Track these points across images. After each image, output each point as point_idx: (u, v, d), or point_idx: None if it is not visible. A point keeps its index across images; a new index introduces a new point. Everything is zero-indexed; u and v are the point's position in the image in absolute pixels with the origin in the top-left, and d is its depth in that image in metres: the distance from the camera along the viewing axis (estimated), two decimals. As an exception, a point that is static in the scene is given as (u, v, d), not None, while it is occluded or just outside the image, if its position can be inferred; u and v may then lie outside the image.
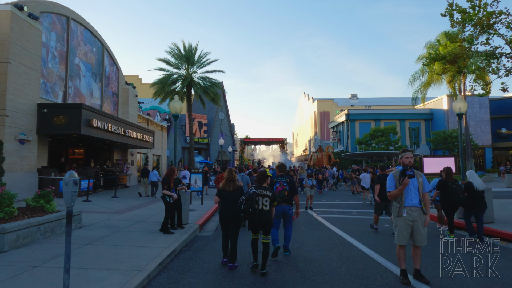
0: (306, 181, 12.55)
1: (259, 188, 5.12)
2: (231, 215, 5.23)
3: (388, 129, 29.90)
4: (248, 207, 4.82)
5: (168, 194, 7.68)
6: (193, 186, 13.82)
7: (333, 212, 11.83)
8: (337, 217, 10.76)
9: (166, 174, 7.91)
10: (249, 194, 4.96)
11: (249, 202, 4.85)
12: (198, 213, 11.35)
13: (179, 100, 9.94)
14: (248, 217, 4.92)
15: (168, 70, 29.72)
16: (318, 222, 9.76)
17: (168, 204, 7.74)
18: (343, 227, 8.86)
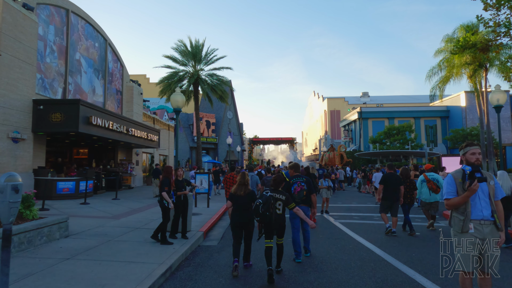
0: (321, 182, 11.43)
1: (274, 192, 5.02)
2: (243, 220, 5.14)
3: (404, 127, 28.50)
4: (266, 211, 4.76)
5: (167, 199, 6.65)
6: (199, 188, 12.80)
7: (352, 217, 10.68)
8: (358, 223, 9.61)
9: (164, 174, 6.90)
10: (265, 197, 4.86)
11: (266, 206, 4.77)
12: (203, 217, 10.32)
13: (181, 93, 8.88)
14: (265, 221, 4.81)
15: (174, 68, 28.89)
16: (338, 229, 8.62)
17: (166, 210, 6.72)
18: (367, 236, 7.72)
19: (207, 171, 13.06)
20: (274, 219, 4.80)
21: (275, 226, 4.89)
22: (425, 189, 8.60)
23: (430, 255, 6.08)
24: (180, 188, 7.22)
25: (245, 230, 5.20)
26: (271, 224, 4.83)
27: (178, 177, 7.34)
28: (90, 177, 14.29)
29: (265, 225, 4.89)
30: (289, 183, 5.90)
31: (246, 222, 5.14)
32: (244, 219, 5.12)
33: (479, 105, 24.82)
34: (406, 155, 24.59)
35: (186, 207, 7.37)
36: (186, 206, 7.37)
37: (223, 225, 9.89)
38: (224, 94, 29.01)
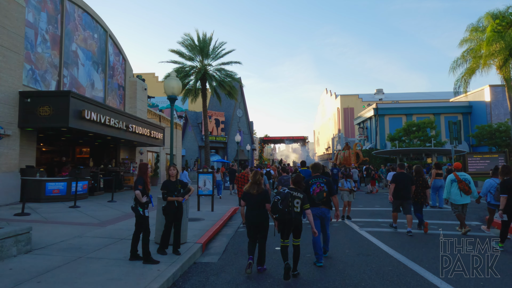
0: (343, 183, 9.86)
1: (292, 190, 4.90)
2: (258, 220, 5.03)
3: (425, 123, 26.57)
4: (285, 207, 4.68)
5: (140, 198, 5.21)
6: (202, 190, 11.38)
7: (379, 224, 9.07)
8: (388, 232, 8.01)
9: (138, 173, 5.50)
10: (284, 194, 4.81)
11: (285, 202, 4.71)
12: (205, 224, 8.88)
13: (177, 78, 7.46)
14: (284, 217, 4.71)
15: (181, 63, 27.61)
16: (367, 241, 7.06)
17: (142, 219, 5.29)
18: (407, 252, 6.15)
19: (210, 170, 11.64)
20: (293, 216, 4.68)
21: (293, 225, 4.77)
22: (455, 190, 7.85)
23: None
24: (173, 191, 5.78)
25: (260, 230, 5.07)
26: (290, 222, 4.72)
27: (171, 178, 5.92)
28: (83, 177, 13.03)
29: (283, 223, 4.77)
30: (308, 183, 5.62)
31: (261, 222, 5.03)
32: (258, 219, 5.02)
33: (510, 98, 22.81)
34: (428, 153, 22.73)
35: (179, 215, 5.91)
36: (179, 214, 5.90)
37: (228, 233, 8.45)
38: (232, 90, 27.60)
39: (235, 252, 6.49)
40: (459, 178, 7.82)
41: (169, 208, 5.72)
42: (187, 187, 6.07)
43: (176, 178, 5.97)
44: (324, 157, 60.81)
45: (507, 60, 22.06)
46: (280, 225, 4.83)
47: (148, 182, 5.40)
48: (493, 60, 22.96)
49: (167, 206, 5.74)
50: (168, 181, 5.86)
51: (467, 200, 7.77)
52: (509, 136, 26.01)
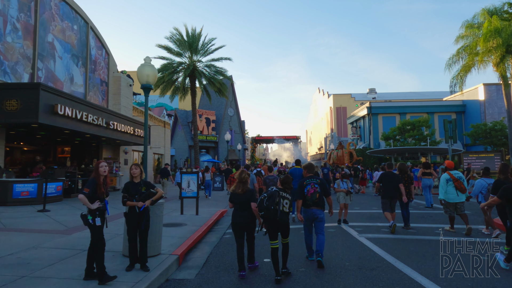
0: (339, 184, 9.00)
1: (281, 190, 4.77)
2: (243, 221, 4.86)
3: (420, 121, 25.96)
4: (271, 204, 4.53)
5: (87, 204, 4.27)
6: (185, 191, 10.43)
7: (379, 229, 8.23)
8: (391, 238, 7.17)
9: (92, 174, 4.57)
10: (270, 192, 4.69)
11: (271, 200, 4.56)
12: (186, 230, 7.95)
13: (152, 65, 6.51)
14: (270, 215, 4.55)
15: (169, 59, 26.53)
16: (368, 251, 6.20)
17: (92, 229, 4.35)
18: (416, 263, 5.30)
19: (195, 170, 10.70)
20: (279, 215, 4.58)
21: (280, 224, 4.68)
22: (451, 189, 7.67)
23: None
24: (134, 194, 4.84)
25: (246, 231, 4.96)
26: (275, 220, 4.59)
27: (134, 179, 4.98)
28: (57, 178, 11.97)
29: (268, 222, 4.67)
30: (303, 184, 5.52)
31: (247, 223, 4.88)
32: (244, 220, 4.87)
33: (506, 96, 22.29)
34: (424, 152, 22.08)
35: (144, 223, 4.91)
36: (143, 222, 4.89)
37: (212, 241, 7.53)
38: (223, 87, 26.64)
39: (217, 265, 5.58)
40: (454, 177, 7.65)
41: (130, 215, 4.78)
42: (151, 190, 4.99)
43: (141, 179, 5.01)
44: (317, 156, 60.21)
45: (504, 57, 21.53)
46: (266, 223, 4.72)
47: (101, 184, 4.44)
48: (489, 57, 22.43)
49: (128, 213, 4.80)
50: (130, 183, 4.93)
51: (462, 198, 7.65)
52: (505, 135, 25.54)
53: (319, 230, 5.43)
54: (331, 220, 9.41)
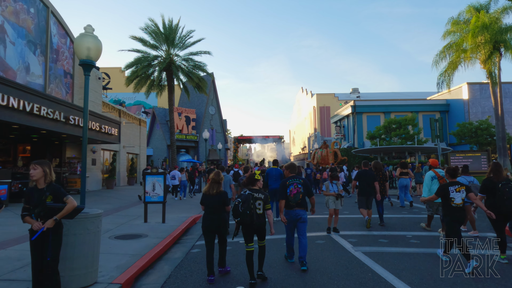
0: (328, 186, 7.72)
1: (252, 191, 4.60)
2: (214, 224, 4.68)
3: (406, 120, 25.19)
4: (246, 209, 4.38)
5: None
6: (149, 195, 8.94)
7: (376, 239, 7.00)
8: (394, 252, 5.93)
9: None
10: (244, 196, 4.49)
11: (246, 204, 4.41)
12: (145, 243, 6.50)
13: (94, 36, 5.03)
14: (245, 221, 4.40)
15: (144, 52, 24.77)
16: (370, 272, 4.91)
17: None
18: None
19: (161, 170, 9.22)
20: (255, 218, 4.42)
21: (257, 227, 4.52)
22: (436, 187, 7.29)
23: None
24: (36, 205, 3.36)
25: (218, 234, 4.81)
26: (252, 225, 4.47)
27: (37, 184, 3.48)
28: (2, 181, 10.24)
29: (244, 226, 4.55)
30: (285, 184, 5.35)
31: (218, 226, 4.71)
32: (215, 223, 4.69)
33: (494, 93, 21.72)
34: (412, 151, 21.25)
35: (50, 252, 3.37)
36: (48, 250, 3.36)
37: (175, 257, 6.12)
38: (201, 83, 25.09)
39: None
40: (439, 175, 7.48)
41: (33, 236, 3.32)
42: (58, 203, 3.42)
43: (47, 184, 3.48)
44: (300, 156, 59.35)
45: (492, 54, 20.96)
46: (242, 228, 4.60)
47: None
48: (477, 54, 21.84)
49: (31, 230, 3.34)
50: (32, 189, 3.44)
51: None
52: (490, 134, 25.10)
53: (302, 232, 5.29)
54: (319, 229, 8.12)
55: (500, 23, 21.75)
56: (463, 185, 5.26)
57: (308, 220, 9.67)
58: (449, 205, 5.19)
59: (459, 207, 5.16)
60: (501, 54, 21.69)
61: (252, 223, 4.41)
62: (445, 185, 5.33)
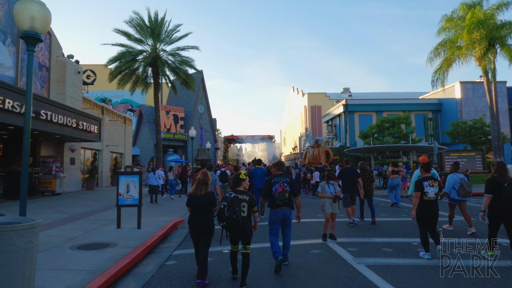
0: (324, 188, 6.84)
1: (237, 192, 4.44)
2: (201, 224, 4.55)
3: (400, 118, 24.58)
4: (232, 213, 4.19)
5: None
6: (123, 198, 7.94)
7: (379, 248, 6.14)
8: (401, 265, 5.07)
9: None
10: (230, 199, 4.28)
11: (232, 208, 4.21)
12: (111, 255, 5.52)
13: (39, 1, 4.01)
14: (231, 226, 4.22)
15: (129, 46, 23.58)
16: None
17: None
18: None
19: (136, 170, 8.24)
20: (241, 222, 4.25)
21: (243, 230, 4.33)
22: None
23: None
24: None
25: (202, 236, 4.56)
26: (238, 230, 4.30)
27: None
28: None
29: (230, 231, 4.36)
30: (270, 182, 5.15)
31: (204, 227, 4.55)
32: (202, 223, 4.55)
33: (489, 91, 21.22)
34: (407, 150, 20.59)
35: None
36: None
37: (145, 272, 5.18)
38: (189, 79, 24.04)
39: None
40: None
41: None
42: None
43: None
44: (291, 156, 58.63)
45: (488, 50, 20.44)
46: (229, 232, 4.41)
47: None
48: (471, 51, 21.32)
49: None
50: None
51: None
52: (484, 133, 24.66)
53: (286, 231, 5.22)
54: (313, 235, 7.24)
55: (495, 20, 21.32)
56: (436, 180, 5.53)
57: (300, 224, 8.86)
58: (422, 199, 5.42)
59: (431, 201, 5.41)
60: (496, 51, 21.23)
61: (238, 227, 4.26)
62: (420, 180, 5.55)
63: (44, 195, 14.93)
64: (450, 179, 7.57)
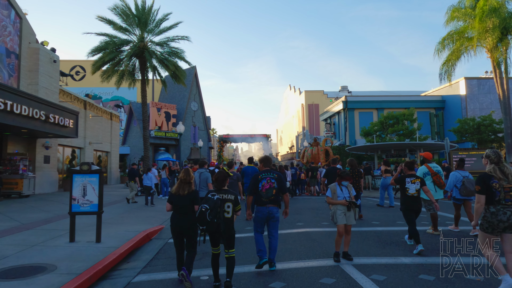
0: (334, 191, 5.18)
1: (220, 192, 4.20)
2: (183, 224, 4.33)
3: (405, 115, 23.02)
4: (214, 217, 3.90)
5: None
6: (77, 203, 6.25)
7: (412, 272, 4.52)
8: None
9: None
10: (213, 201, 3.96)
11: (214, 212, 3.90)
12: (42, 285, 3.83)
13: None
14: (211, 229, 3.95)
15: (114, 36, 21.82)
16: None
17: None
18: None
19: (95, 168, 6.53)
20: (223, 227, 4.02)
21: (224, 235, 4.10)
22: (429, 184, 6.97)
23: None
24: None
25: (187, 237, 4.39)
26: (219, 233, 4.07)
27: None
28: None
29: (210, 234, 4.11)
30: (258, 178, 4.91)
31: (187, 227, 4.33)
32: (184, 223, 4.33)
33: (501, 85, 19.76)
34: (413, 148, 19.03)
35: None
36: None
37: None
38: (178, 71, 22.29)
39: None
40: (433, 170, 7.11)
41: None
42: None
43: None
44: (288, 156, 57.06)
45: (502, 40, 18.95)
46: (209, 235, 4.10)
47: None
48: (482, 42, 19.82)
49: None
50: None
51: (440, 195, 7.27)
52: (493, 131, 23.19)
53: (273, 232, 4.85)
54: (321, 253, 5.59)
55: (506, 9, 19.89)
56: (418, 178, 5.73)
57: (302, 235, 7.25)
58: (405, 195, 5.67)
59: (414, 197, 5.64)
60: (509, 42, 19.77)
61: (219, 231, 4.03)
62: (403, 176, 5.79)
63: (11, 198, 13.19)
64: (452, 177, 7.17)
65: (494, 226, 3.72)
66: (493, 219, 3.71)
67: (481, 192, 3.81)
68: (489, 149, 4.10)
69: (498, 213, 3.69)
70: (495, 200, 3.72)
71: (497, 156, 3.94)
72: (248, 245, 6.23)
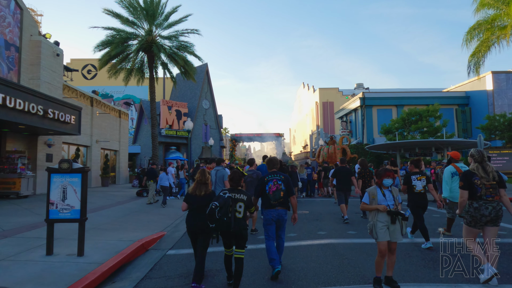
0: (374, 195, 4.00)
1: (233, 191, 4.16)
2: (200, 225, 4.25)
3: (429, 111, 21.42)
4: (224, 215, 3.87)
5: None
6: (56, 208, 5.21)
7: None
8: None
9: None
10: (223, 199, 3.94)
11: (224, 210, 3.88)
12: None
13: None
14: (221, 228, 3.92)
15: (120, 30, 21.02)
16: None
17: None
18: None
19: (78, 167, 5.50)
20: (233, 226, 3.95)
21: (235, 234, 4.05)
22: (457, 185, 6.16)
23: None
24: None
25: (201, 236, 4.31)
26: (229, 233, 4.02)
27: None
28: None
29: (221, 233, 4.10)
30: (264, 180, 4.79)
31: (201, 227, 4.25)
32: (199, 223, 4.27)
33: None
34: (440, 146, 17.50)
35: None
36: None
37: None
38: (188, 66, 21.31)
39: None
40: (461, 170, 6.29)
41: None
42: None
43: None
44: (301, 155, 55.67)
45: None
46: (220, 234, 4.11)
47: None
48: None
49: None
50: None
51: None
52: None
53: (281, 235, 4.82)
54: (354, 275, 4.38)
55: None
56: (424, 175, 6.11)
57: (328, 248, 6.01)
58: (412, 192, 6.02)
59: (421, 193, 6.01)
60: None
61: (229, 229, 3.93)
62: (409, 174, 6.20)
63: (9, 198, 12.39)
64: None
65: (476, 220, 4.14)
66: (476, 214, 4.12)
67: (464, 188, 4.20)
68: (474, 149, 4.43)
69: (481, 208, 4.08)
70: (477, 195, 4.10)
71: (481, 155, 4.31)
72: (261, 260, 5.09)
